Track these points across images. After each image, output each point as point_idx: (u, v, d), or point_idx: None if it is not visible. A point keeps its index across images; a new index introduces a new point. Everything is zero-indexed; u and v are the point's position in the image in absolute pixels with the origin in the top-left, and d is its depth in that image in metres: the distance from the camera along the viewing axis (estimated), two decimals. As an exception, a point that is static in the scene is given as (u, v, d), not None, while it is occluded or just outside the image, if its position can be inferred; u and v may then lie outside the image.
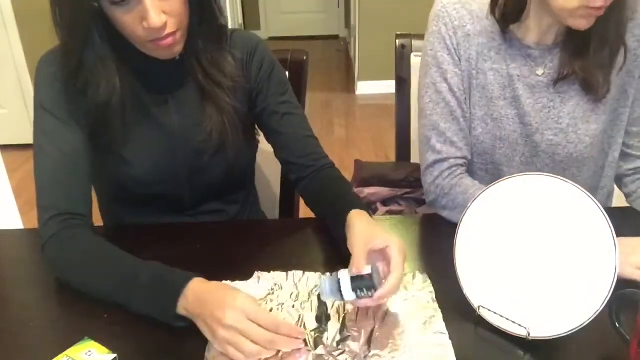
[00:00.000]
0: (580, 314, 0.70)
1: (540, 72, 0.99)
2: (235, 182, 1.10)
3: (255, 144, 1.14)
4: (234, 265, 0.90)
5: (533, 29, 0.97)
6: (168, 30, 0.84)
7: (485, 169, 1.07)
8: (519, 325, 0.72)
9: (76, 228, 0.89)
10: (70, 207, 0.90)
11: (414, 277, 0.84)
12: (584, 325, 0.69)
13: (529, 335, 0.71)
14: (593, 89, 0.97)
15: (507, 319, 0.74)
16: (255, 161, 1.17)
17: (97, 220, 1.14)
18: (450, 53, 1.01)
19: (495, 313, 0.75)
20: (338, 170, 1.07)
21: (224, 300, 0.71)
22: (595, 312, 0.69)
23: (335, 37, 6.14)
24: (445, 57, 1.01)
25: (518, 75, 1.00)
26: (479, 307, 0.76)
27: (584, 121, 1.00)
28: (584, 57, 0.95)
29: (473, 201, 0.81)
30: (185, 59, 0.95)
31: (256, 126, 1.10)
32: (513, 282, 0.76)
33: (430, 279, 0.84)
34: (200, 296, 0.74)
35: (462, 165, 1.04)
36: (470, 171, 1.08)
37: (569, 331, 0.70)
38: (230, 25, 1.04)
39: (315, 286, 0.82)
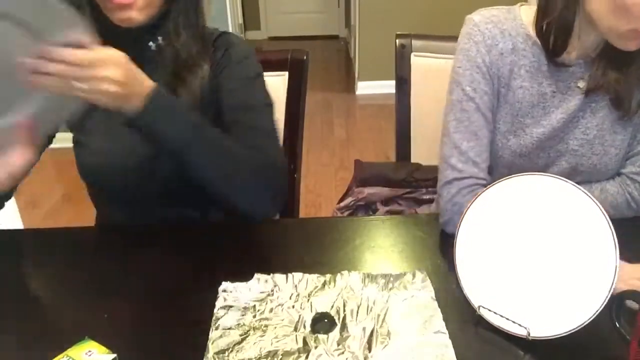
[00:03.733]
0: (580, 314, 0.70)
1: (581, 84, 0.96)
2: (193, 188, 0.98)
3: None
4: (233, 265, 0.90)
5: (576, 47, 0.93)
6: None
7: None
8: (519, 325, 0.72)
9: None
10: None
11: (413, 276, 0.84)
12: (584, 325, 0.69)
13: (529, 335, 0.71)
14: (623, 106, 0.95)
15: (507, 319, 0.74)
16: None
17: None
18: (481, 72, 0.98)
19: (495, 313, 0.75)
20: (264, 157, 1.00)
21: None
22: (595, 312, 0.69)
23: (335, 37, 6.13)
24: (474, 75, 0.98)
25: (553, 92, 0.97)
26: (479, 307, 0.76)
27: (611, 132, 0.98)
28: (621, 69, 0.92)
29: (473, 201, 0.81)
30: (162, 49, 0.93)
31: None
32: (513, 282, 0.77)
33: (430, 278, 0.84)
34: None
35: (482, 186, 0.99)
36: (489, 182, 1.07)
37: (568, 331, 0.70)
38: (230, 25, 1.04)
39: (315, 287, 0.82)
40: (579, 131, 0.99)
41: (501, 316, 0.74)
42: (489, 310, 0.75)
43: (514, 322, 0.73)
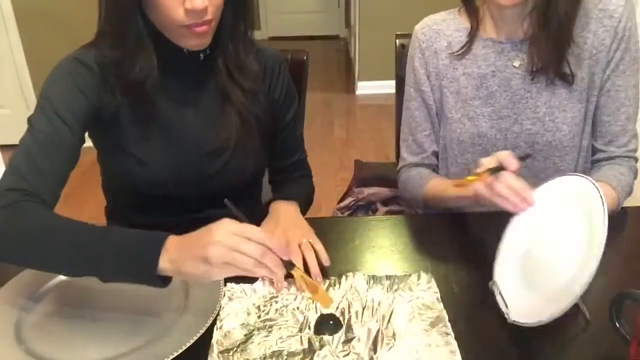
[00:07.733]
0: (563, 301, 0.71)
1: (517, 63, 1.05)
2: (244, 192, 1.07)
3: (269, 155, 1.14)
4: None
5: (498, 24, 1.05)
6: (207, 17, 0.86)
7: (468, 167, 1.09)
8: (505, 306, 0.76)
9: (31, 203, 0.82)
10: (34, 188, 0.84)
11: (418, 277, 0.84)
12: (565, 311, 0.70)
13: (508, 318, 0.74)
14: (566, 79, 1.02)
15: (503, 299, 0.78)
16: (264, 173, 1.18)
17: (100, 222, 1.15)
18: (419, 73, 1.12)
19: (499, 294, 0.79)
20: (311, 181, 1.23)
21: (208, 228, 0.70)
22: (575, 297, 0.70)
23: (335, 37, 6.13)
24: (412, 76, 1.14)
25: (493, 72, 1.06)
26: (493, 281, 0.81)
27: (560, 110, 1.04)
28: (551, 48, 0.98)
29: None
30: (212, 58, 0.96)
31: None
32: (521, 271, 0.82)
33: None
34: (182, 240, 0.72)
35: (426, 168, 1.16)
36: (458, 168, 1.13)
37: (548, 319, 0.70)
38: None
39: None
40: (529, 111, 1.05)
41: (500, 295, 0.78)
42: (497, 289, 0.79)
43: (505, 304, 0.77)
